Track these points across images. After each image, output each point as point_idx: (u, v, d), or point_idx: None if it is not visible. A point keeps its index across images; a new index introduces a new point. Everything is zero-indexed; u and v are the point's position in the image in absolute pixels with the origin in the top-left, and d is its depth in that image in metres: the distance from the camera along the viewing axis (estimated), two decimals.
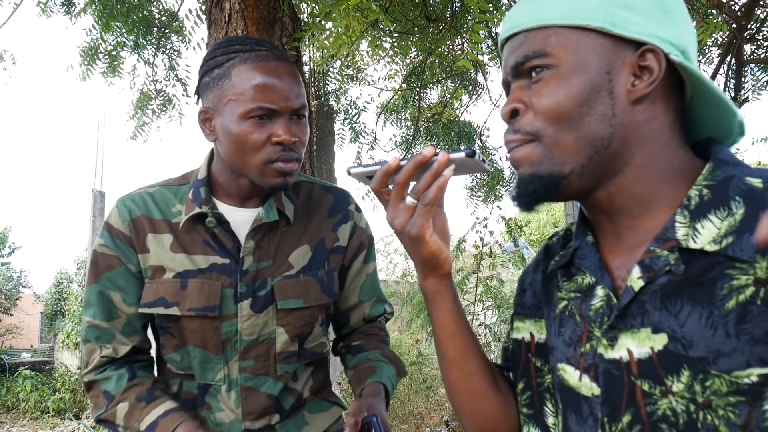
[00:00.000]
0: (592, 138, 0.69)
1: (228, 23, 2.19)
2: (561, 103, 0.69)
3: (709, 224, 0.65)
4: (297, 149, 1.14)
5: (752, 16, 3.94)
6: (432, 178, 0.76)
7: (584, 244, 0.79)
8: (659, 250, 0.67)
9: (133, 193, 1.26)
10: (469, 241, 5.54)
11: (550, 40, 0.71)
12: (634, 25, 0.69)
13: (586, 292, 0.76)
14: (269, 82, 1.10)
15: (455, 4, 4.05)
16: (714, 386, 0.61)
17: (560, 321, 0.80)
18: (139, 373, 1.25)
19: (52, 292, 18.72)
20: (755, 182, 0.64)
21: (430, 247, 0.80)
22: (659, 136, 0.71)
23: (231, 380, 1.22)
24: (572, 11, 0.70)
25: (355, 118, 5.70)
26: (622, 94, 0.69)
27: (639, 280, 0.68)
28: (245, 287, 1.20)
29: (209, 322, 1.19)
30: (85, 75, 4.36)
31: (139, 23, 4.26)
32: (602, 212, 0.75)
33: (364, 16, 2.76)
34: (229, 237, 1.21)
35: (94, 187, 11.69)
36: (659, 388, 0.65)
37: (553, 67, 0.70)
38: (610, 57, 0.69)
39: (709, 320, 0.62)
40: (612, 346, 0.70)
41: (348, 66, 5.39)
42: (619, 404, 0.69)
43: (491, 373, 0.89)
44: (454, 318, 0.86)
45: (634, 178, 0.71)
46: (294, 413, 1.29)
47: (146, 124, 4.77)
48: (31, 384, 8.46)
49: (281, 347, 1.24)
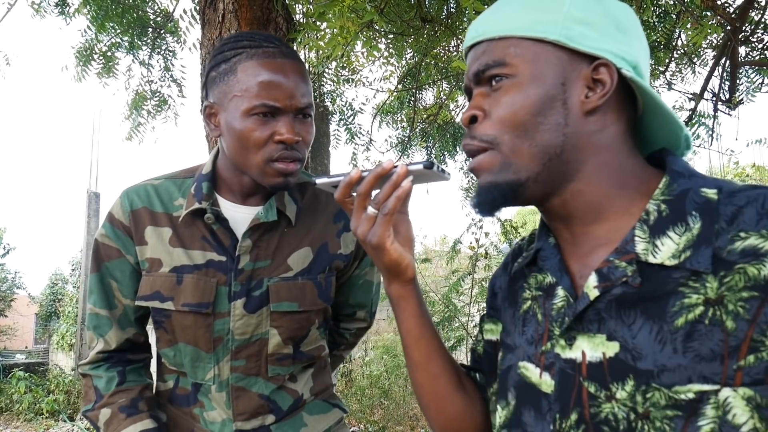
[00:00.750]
0: (545, 146, 0.72)
1: (221, 23, 2.19)
2: (517, 112, 0.72)
3: (668, 241, 0.67)
4: (300, 149, 1.12)
5: (746, 18, 3.95)
6: (391, 188, 0.80)
7: (546, 245, 0.81)
8: (618, 261, 0.70)
9: (138, 184, 1.26)
10: (464, 242, 5.55)
11: (510, 50, 0.74)
12: (590, 40, 0.72)
13: (548, 291, 0.79)
14: (274, 79, 1.08)
15: (450, 6, 4.05)
16: (654, 398, 0.63)
17: (524, 320, 0.82)
18: (129, 378, 1.25)
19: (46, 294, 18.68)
20: (710, 193, 0.67)
21: (391, 254, 0.83)
22: (610, 144, 0.74)
23: (221, 380, 1.22)
24: (532, 24, 0.73)
25: (351, 119, 5.69)
26: (576, 105, 0.72)
27: (595, 289, 0.71)
28: (239, 286, 1.19)
29: (202, 319, 1.19)
30: (80, 76, 4.35)
31: (134, 24, 4.25)
32: (558, 219, 0.78)
33: (358, 16, 2.75)
34: (227, 234, 1.20)
35: (89, 188, 11.66)
36: (604, 392, 0.68)
37: (511, 77, 0.73)
38: (566, 69, 0.72)
39: (659, 335, 0.64)
40: (570, 346, 0.73)
41: (343, 67, 5.39)
42: (568, 402, 0.72)
43: (457, 374, 0.92)
44: (418, 322, 0.89)
45: (586, 183, 0.74)
46: (292, 414, 1.28)
47: (141, 124, 4.75)
48: (25, 385, 8.43)
49: (273, 348, 1.23)
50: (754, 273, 0.61)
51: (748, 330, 0.60)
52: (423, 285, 6.42)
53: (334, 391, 1.45)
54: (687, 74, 5.14)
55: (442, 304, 5.62)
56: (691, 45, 4.30)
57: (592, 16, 0.72)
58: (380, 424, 6.35)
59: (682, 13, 3.94)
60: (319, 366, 1.37)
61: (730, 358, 0.60)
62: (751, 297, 0.60)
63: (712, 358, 0.61)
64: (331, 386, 1.42)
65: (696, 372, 0.61)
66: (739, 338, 0.60)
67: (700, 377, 0.61)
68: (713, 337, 0.61)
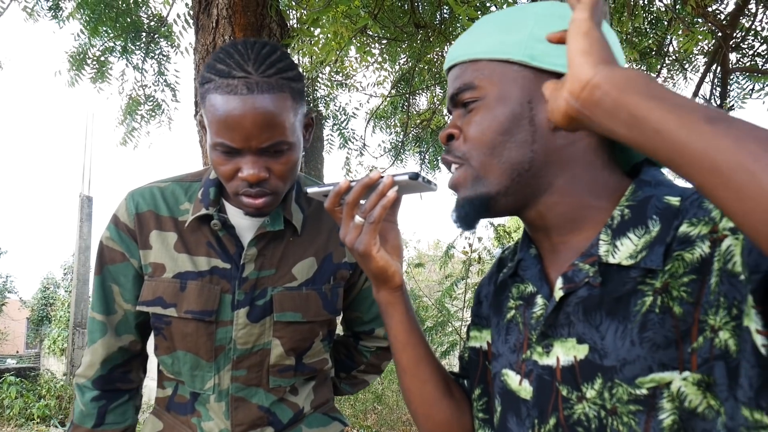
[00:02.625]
0: (514, 162, 0.75)
1: (215, 29, 2.19)
2: (485, 132, 0.76)
3: (627, 241, 0.70)
4: (268, 185, 1.06)
5: (737, 25, 3.98)
6: (377, 198, 0.83)
7: (527, 256, 0.84)
8: (581, 264, 0.72)
9: (143, 186, 1.23)
10: (458, 247, 5.56)
11: (478, 73, 0.77)
12: (553, 57, 0.74)
13: (528, 300, 0.81)
14: (231, 120, 0.99)
15: (444, 12, 4.07)
16: (618, 394, 0.66)
17: (507, 329, 0.85)
18: (108, 419, 1.24)
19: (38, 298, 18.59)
20: (673, 200, 0.69)
21: (378, 262, 0.87)
22: (581, 158, 0.76)
23: (221, 390, 1.20)
24: (497, 46, 0.76)
25: (344, 124, 5.69)
26: (542, 122, 0.75)
27: (560, 290, 0.73)
28: (243, 295, 1.17)
29: (204, 327, 1.16)
30: (73, 80, 4.34)
31: (128, 28, 4.25)
32: (537, 229, 0.81)
33: (352, 22, 2.76)
34: (233, 241, 1.18)
35: (82, 192, 11.62)
36: (575, 393, 0.70)
37: (481, 99, 0.77)
38: (531, 88, 0.75)
39: (623, 332, 0.67)
40: (547, 353, 0.75)
41: (337, 72, 5.40)
42: (546, 407, 0.74)
43: (444, 380, 0.95)
44: (406, 328, 0.92)
45: (560, 197, 0.76)
46: (291, 427, 1.26)
47: (135, 129, 4.75)
48: (17, 390, 8.38)
49: (275, 359, 1.21)
50: (689, 257, 0.63)
51: (694, 313, 0.62)
52: (416, 289, 6.43)
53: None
54: (679, 80, 5.18)
55: (436, 308, 5.63)
56: (683, 51, 4.33)
57: None
58: (373, 429, 6.34)
59: (674, 20, 3.97)
60: (321, 379, 1.35)
61: (684, 343, 0.62)
62: (690, 280, 0.63)
63: (667, 345, 0.63)
64: (331, 399, 1.39)
65: (655, 360, 0.63)
66: (688, 322, 0.62)
67: (660, 365, 0.63)
68: (665, 324, 0.63)
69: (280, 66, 1.03)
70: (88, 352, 1.24)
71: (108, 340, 1.23)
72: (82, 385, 1.24)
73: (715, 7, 4.03)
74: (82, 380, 1.25)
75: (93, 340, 1.23)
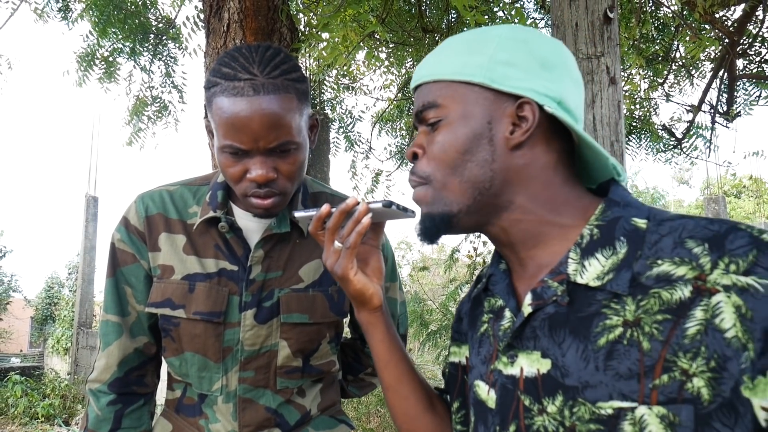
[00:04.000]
0: (474, 181, 0.78)
1: (226, 33, 2.21)
2: (447, 151, 0.78)
3: (595, 262, 0.72)
4: (277, 185, 1.08)
5: (744, 31, 3.99)
6: (353, 225, 0.87)
7: (497, 271, 0.87)
8: (550, 282, 0.74)
9: (153, 190, 1.25)
10: (462, 251, 5.56)
11: (442, 93, 0.80)
12: (512, 80, 0.76)
13: (498, 313, 0.84)
14: (238, 121, 1.01)
15: (451, 16, 4.08)
16: (579, 413, 0.68)
17: (480, 342, 0.87)
18: (125, 424, 1.24)
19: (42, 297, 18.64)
20: (640, 222, 0.71)
21: (355, 285, 0.91)
22: (540, 177, 0.78)
23: (229, 391, 1.20)
24: (460, 68, 0.78)
25: (350, 127, 5.71)
26: (501, 142, 0.77)
27: (529, 306, 0.75)
28: (250, 296, 1.18)
29: (212, 328, 1.17)
30: (81, 81, 4.37)
31: (136, 30, 4.28)
32: (502, 244, 0.83)
33: (361, 26, 2.78)
34: (240, 244, 1.19)
35: (88, 192, 11.66)
36: (537, 405, 0.72)
37: (443, 118, 0.79)
38: (491, 108, 0.77)
39: (584, 354, 0.69)
40: (512, 363, 0.77)
41: (344, 75, 5.41)
42: (507, 415, 0.76)
43: (427, 395, 0.98)
44: (387, 347, 0.95)
45: (521, 214, 0.79)
46: (298, 429, 1.27)
47: (142, 130, 4.77)
48: (21, 389, 8.40)
49: (283, 361, 1.21)
50: (667, 297, 0.65)
51: (661, 350, 0.63)
52: (420, 293, 6.42)
53: None
54: (685, 86, 5.18)
55: (440, 312, 5.63)
56: (690, 58, 4.33)
57: (516, 57, 0.77)
58: (377, 431, 6.34)
59: (681, 26, 3.97)
60: (328, 381, 1.35)
61: (646, 377, 0.64)
62: (664, 320, 0.64)
63: (629, 377, 0.65)
64: (338, 402, 1.39)
65: (616, 389, 0.65)
66: (654, 358, 0.64)
67: (620, 395, 0.65)
68: (630, 357, 0.65)
69: (284, 68, 1.06)
70: (102, 355, 1.24)
71: (123, 341, 1.23)
72: (97, 390, 1.24)
73: (723, 13, 4.03)
74: (96, 385, 1.24)
75: (108, 343, 1.23)
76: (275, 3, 2.37)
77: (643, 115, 5.23)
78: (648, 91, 5.14)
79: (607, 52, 2.46)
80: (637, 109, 5.23)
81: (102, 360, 1.24)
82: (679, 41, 4.35)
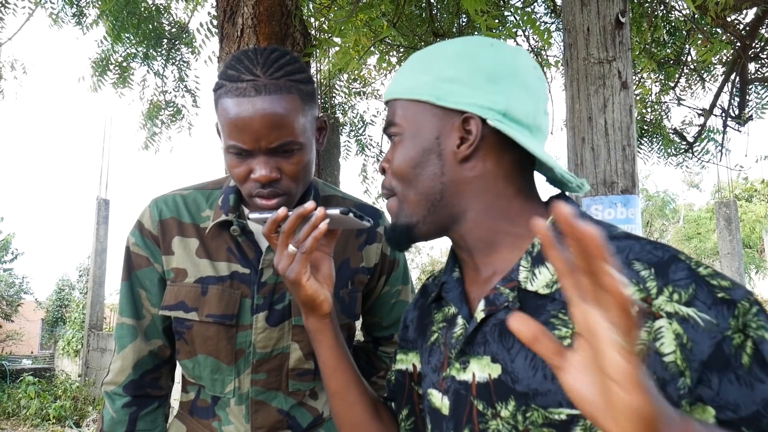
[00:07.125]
0: (427, 193, 0.82)
1: (240, 38, 2.23)
2: (401, 165, 0.83)
3: (545, 270, 0.74)
4: (280, 185, 1.08)
5: (756, 35, 3.97)
6: (309, 230, 0.89)
7: (450, 279, 0.89)
8: (503, 288, 0.77)
9: (167, 194, 1.27)
10: None
11: (398, 111, 0.84)
12: (456, 96, 0.79)
13: (450, 321, 0.86)
14: (241, 121, 1.03)
15: (462, 20, 4.09)
16: (532, 417, 0.70)
17: (430, 351, 0.89)
18: (140, 426, 1.25)
19: (53, 299, 18.73)
20: None
21: (307, 290, 0.92)
22: (491, 188, 0.81)
23: (241, 393, 1.22)
24: (412, 87, 0.83)
25: (362, 131, 5.73)
26: (450, 156, 0.80)
27: (482, 312, 0.77)
28: (262, 299, 1.20)
29: (225, 331, 1.19)
30: (96, 86, 4.41)
31: (150, 35, 4.32)
32: (462, 249, 0.86)
33: (372, 31, 2.79)
34: (252, 247, 1.20)
35: (99, 195, 11.74)
36: (490, 410, 0.74)
37: (399, 135, 0.84)
38: (439, 125, 0.81)
39: (533, 362, 0.71)
40: (464, 369, 0.79)
41: (355, 79, 5.43)
42: (461, 420, 0.78)
43: (372, 403, 0.99)
44: (335, 354, 0.97)
45: (474, 223, 0.82)
46: (310, 431, 1.28)
47: (156, 134, 4.81)
48: (34, 391, 8.45)
49: (294, 363, 1.23)
50: None
51: None
52: None
53: None
54: (697, 90, 5.16)
55: None
56: (701, 61, 4.32)
57: (460, 73, 0.80)
58: None
59: (693, 30, 3.96)
60: None
61: None
62: None
63: None
64: None
65: (565, 398, 0.67)
66: None
67: (569, 403, 0.67)
68: None
69: (288, 69, 1.07)
70: (117, 358, 1.26)
71: (138, 344, 1.25)
72: (112, 393, 1.25)
73: (735, 17, 4.02)
74: (111, 387, 1.26)
75: (123, 345, 1.25)
76: (288, 8, 2.39)
77: (655, 118, 5.22)
78: (659, 95, 5.13)
79: (618, 56, 2.46)
80: (648, 113, 5.21)
81: (117, 362, 1.26)
82: (691, 45, 4.34)
